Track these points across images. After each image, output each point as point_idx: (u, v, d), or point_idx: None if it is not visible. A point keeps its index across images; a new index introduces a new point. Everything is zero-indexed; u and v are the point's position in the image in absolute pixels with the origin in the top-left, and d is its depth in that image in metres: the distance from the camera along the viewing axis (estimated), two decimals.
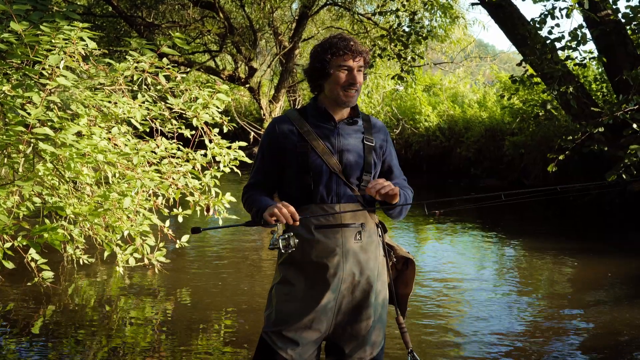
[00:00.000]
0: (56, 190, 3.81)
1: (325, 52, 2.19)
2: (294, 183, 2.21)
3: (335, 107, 2.24)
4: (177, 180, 4.03)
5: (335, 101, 2.21)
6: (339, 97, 2.20)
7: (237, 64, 17.24)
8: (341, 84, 2.18)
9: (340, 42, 2.19)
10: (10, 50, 3.23)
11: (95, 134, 3.44)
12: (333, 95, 2.21)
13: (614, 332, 4.11)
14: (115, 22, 15.53)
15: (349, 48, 2.17)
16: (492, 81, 16.06)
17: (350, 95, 2.20)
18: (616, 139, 6.78)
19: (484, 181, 12.83)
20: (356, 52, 2.18)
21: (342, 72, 2.18)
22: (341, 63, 2.17)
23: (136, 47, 3.90)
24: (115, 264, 4.16)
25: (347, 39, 2.21)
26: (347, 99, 2.20)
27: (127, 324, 4.20)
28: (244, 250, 6.50)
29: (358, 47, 2.20)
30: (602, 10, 7.21)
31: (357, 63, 2.18)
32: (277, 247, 2.04)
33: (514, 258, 6.51)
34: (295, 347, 2.14)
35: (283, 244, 2.04)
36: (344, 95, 2.19)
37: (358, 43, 2.22)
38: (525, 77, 7.72)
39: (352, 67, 2.18)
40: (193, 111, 3.98)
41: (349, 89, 2.18)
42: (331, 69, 2.18)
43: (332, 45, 2.19)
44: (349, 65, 2.17)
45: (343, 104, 2.22)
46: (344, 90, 2.19)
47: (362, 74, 2.22)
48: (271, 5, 15.30)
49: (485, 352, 3.74)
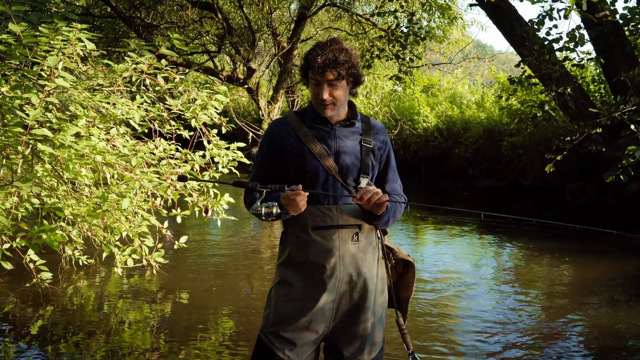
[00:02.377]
0: (55, 191, 3.81)
1: (305, 62, 2.17)
2: (293, 185, 2.21)
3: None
4: (175, 182, 4.03)
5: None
6: (317, 108, 2.18)
7: (236, 65, 17.21)
8: (313, 96, 2.17)
9: (313, 54, 2.12)
10: (8, 51, 3.23)
11: (93, 135, 3.44)
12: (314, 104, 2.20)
13: (613, 333, 4.12)
14: (113, 22, 15.51)
15: (315, 61, 2.09)
16: (491, 82, 16.08)
17: (323, 109, 2.15)
18: (614, 140, 6.80)
19: (482, 182, 12.85)
20: (322, 67, 2.08)
21: (314, 86, 2.15)
22: (311, 76, 2.14)
23: (135, 48, 3.90)
24: (114, 265, 4.16)
25: (321, 50, 2.10)
26: (321, 111, 2.17)
27: (125, 324, 4.19)
28: (243, 251, 6.50)
29: (328, 58, 2.08)
30: (600, 12, 7.23)
31: (324, 78, 2.10)
32: (259, 212, 2.02)
33: (512, 259, 6.52)
34: (293, 347, 2.15)
35: (265, 211, 2.02)
36: (318, 107, 2.17)
37: (333, 53, 2.09)
38: (524, 77, 7.74)
39: (320, 81, 2.12)
40: (191, 112, 3.99)
41: (321, 103, 2.15)
42: (309, 81, 2.17)
43: (307, 55, 2.15)
44: (316, 79, 2.13)
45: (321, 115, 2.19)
46: (317, 103, 2.17)
47: (337, 86, 2.12)
48: (270, 6, 15.28)
49: (485, 353, 3.74)
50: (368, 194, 2.05)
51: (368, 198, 2.05)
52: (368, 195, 2.05)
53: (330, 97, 2.14)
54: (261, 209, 2.01)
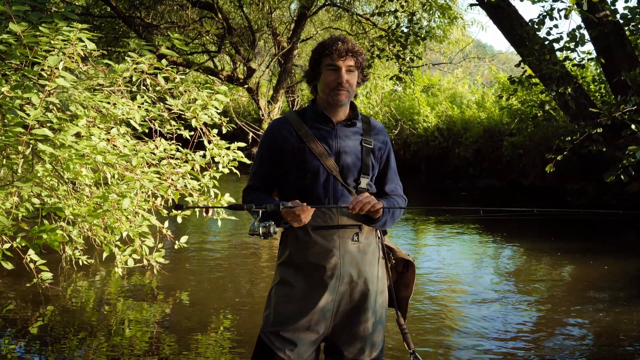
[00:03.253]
0: (55, 191, 3.81)
1: (317, 53, 2.20)
2: (292, 184, 2.21)
3: (332, 109, 2.23)
4: (176, 182, 4.03)
5: (327, 101, 2.21)
6: (329, 97, 2.19)
7: (236, 65, 17.22)
8: (328, 84, 2.18)
9: (330, 42, 2.18)
10: (9, 51, 3.23)
11: (94, 135, 3.45)
12: (324, 96, 2.21)
13: (612, 333, 4.12)
14: (113, 22, 15.51)
15: (336, 47, 2.15)
16: (491, 82, 16.08)
17: (338, 96, 2.17)
18: (614, 140, 6.80)
19: (483, 182, 12.84)
20: (344, 52, 2.15)
21: (330, 72, 2.17)
22: (329, 62, 2.17)
23: (135, 48, 3.90)
24: (114, 265, 4.17)
25: (339, 40, 2.18)
26: (335, 98, 2.18)
27: (125, 324, 4.19)
28: (243, 251, 6.50)
29: (348, 46, 2.16)
30: (601, 11, 7.23)
31: (345, 63, 2.16)
32: (257, 233, 2.03)
33: (512, 259, 6.52)
34: (293, 347, 2.15)
35: (263, 231, 2.03)
36: (332, 95, 2.18)
37: (351, 43, 2.18)
38: (524, 77, 7.74)
39: (339, 66, 2.16)
40: (192, 112, 3.99)
41: (336, 89, 2.16)
42: (321, 69, 2.19)
43: (322, 45, 2.20)
44: (336, 64, 2.16)
45: (334, 104, 2.20)
46: (332, 90, 2.17)
47: (354, 74, 2.19)
48: (270, 5, 15.29)
49: (485, 353, 3.74)
50: (360, 204, 2.07)
51: (360, 208, 2.07)
52: (360, 205, 2.06)
53: (347, 83, 2.17)
54: (259, 229, 2.03)
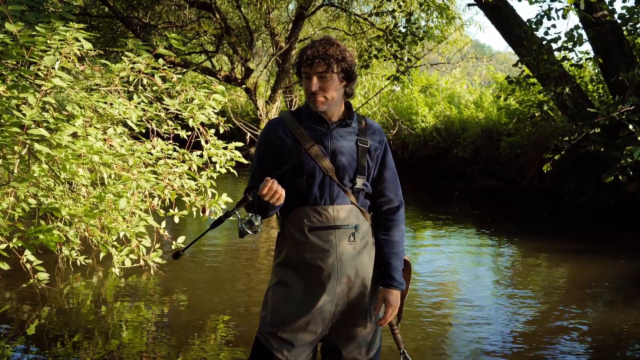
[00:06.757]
0: (51, 192, 3.79)
1: (297, 59, 2.19)
2: (288, 185, 2.19)
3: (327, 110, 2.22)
4: (173, 182, 4.02)
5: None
6: (309, 103, 2.18)
7: (234, 65, 17.19)
8: (305, 91, 2.17)
9: (303, 50, 2.16)
10: (5, 50, 3.22)
11: (90, 135, 3.43)
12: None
13: (610, 333, 4.12)
14: (111, 22, 15.49)
15: (305, 55, 2.12)
16: (489, 82, 16.10)
17: (314, 103, 2.14)
18: (612, 140, 6.80)
19: (480, 182, 12.85)
20: (311, 58, 2.09)
21: (305, 80, 2.15)
22: (303, 70, 2.15)
23: (132, 48, 3.89)
24: (111, 265, 4.15)
25: (313, 45, 2.13)
26: (313, 105, 2.16)
27: (123, 325, 4.18)
28: (240, 251, 6.49)
29: (316, 52, 2.10)
30: (598, 11, 7.24)
31: (314, 69, 2.10)
32: (246, 232, 2.03)
33: (510, 259, 6.52)
34: (291, 348, 2.14)
35: (247, 227, 2.03)
36: (310, 102, 2.16)
37: (323, 48, 2.11)
38: (522, 77, 7.76)
39: (310, 73, 2.12)
40: (189, 112, 3.98)
41: (312, 97, 2.13)
42: (301, 77, 2.18)
43: (299, 53, 2.18)
44: (307, 72, 2.13)
45: (314, 109, 2.17)
46: (308, 98, 2.16)
47: (327, 79, 2.11)
48: (268, 5, 15.27)
49: (483, 353, 3.74)
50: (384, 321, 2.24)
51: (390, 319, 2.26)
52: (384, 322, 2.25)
53: (321, 90, 2.12)
54: (245, 228, 2.03)
